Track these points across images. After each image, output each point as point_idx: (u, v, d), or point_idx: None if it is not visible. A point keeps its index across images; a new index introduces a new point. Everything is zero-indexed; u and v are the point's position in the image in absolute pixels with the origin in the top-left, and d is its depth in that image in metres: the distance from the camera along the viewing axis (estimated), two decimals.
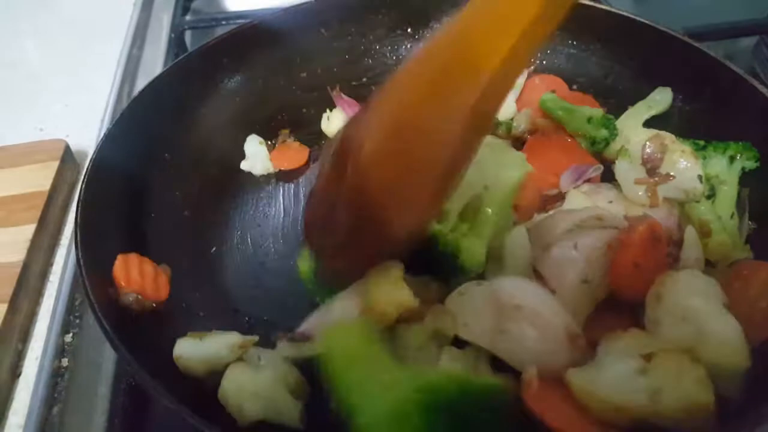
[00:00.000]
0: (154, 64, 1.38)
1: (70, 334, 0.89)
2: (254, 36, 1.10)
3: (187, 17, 1.48)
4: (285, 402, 0.69)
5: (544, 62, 1.13)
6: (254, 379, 0.70)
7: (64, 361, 0.86)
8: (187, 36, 1.46)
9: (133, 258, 0.82)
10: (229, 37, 1.07)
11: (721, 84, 0.95)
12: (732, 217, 0.89)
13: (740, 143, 0.89)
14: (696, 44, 0.99)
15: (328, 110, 1.12)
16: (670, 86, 1.01)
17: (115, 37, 1.46)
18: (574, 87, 1.11)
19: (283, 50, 1.13)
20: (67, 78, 1.38)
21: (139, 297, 0.78)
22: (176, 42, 1.40)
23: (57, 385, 0.83)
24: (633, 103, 1.03)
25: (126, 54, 1.39)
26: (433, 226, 0.75)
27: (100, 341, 0.85)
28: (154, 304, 0.80)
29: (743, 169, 0.90)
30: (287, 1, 1.16)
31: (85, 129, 1.21)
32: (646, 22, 1.02)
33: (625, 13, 1.06)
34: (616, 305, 0.77)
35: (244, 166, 1.06)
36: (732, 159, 0.89)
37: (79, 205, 0.79)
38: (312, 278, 0.83)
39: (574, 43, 1.12)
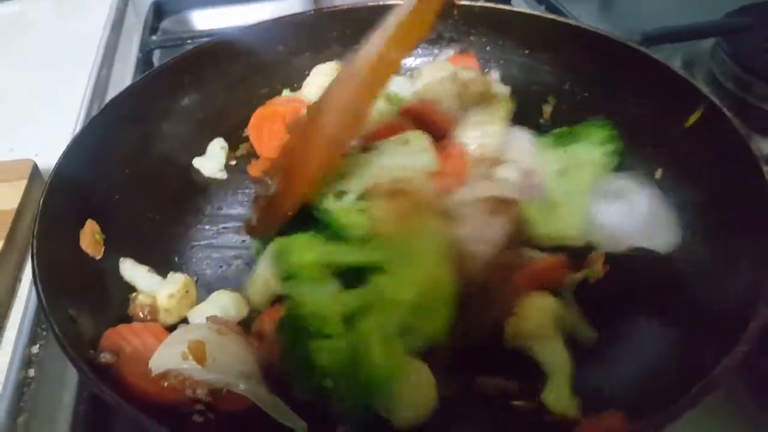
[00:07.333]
0: (122, 83, 1.41)
1: (37, 345, 0.91)
2: (214, 54, 1.13)
3: (154, 37, 1.51)
4: None
5: (499, 72, 1.17)
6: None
7: (31, 372, 0.89)
8: (156, 55, 1.49)
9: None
10: (189, 56, 1.11)
11: (665, 85, 0.96)
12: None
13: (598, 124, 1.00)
14: (639, 48, 1.01)
15: None
16: (619, 90, 1.03)
17: (85, 59, 1.49)
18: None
19: (243, 67, 1.17)
20: (38, 99, 1.42)
21: None
22: (144, 61, 1.43)
23: (23, 395, 0.86)
24: (587, 107, 1.07)
25: (95, 74, 1.43)
26: (332, 203, 0.88)
27: None
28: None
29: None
30: (253, 18, 1.19)
31: (54, 149, 1.23)
32: (588, 28, 1.06)
33: (570, 22, 1.10)
34: None
35: (197, 162, 1.10)
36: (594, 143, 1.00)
37: (37, 219, 0.81)
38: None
39: (526, 52, 1.16)
